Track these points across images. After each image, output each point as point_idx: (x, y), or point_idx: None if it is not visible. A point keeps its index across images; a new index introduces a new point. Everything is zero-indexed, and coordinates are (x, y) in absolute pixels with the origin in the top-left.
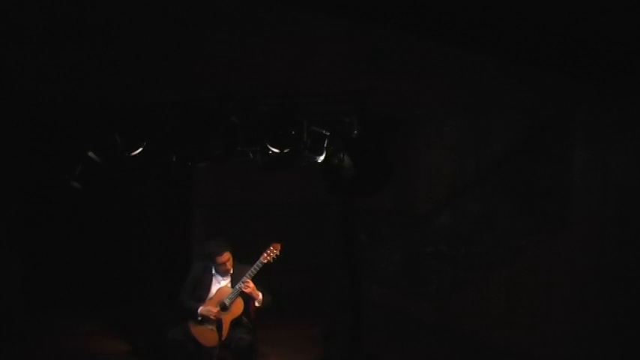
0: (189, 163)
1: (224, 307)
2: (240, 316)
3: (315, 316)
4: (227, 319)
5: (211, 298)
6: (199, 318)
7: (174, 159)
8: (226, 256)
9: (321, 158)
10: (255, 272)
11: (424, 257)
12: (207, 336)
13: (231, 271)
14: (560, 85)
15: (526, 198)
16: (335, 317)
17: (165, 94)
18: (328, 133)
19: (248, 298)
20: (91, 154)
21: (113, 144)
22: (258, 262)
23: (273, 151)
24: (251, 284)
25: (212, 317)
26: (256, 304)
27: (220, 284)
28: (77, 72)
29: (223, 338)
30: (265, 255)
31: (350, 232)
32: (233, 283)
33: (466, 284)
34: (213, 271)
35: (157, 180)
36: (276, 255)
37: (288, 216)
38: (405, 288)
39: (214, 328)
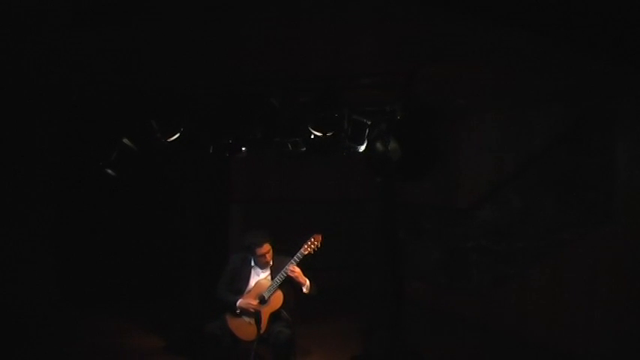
0: (227, 154)
1: (263, 300)
2: (280, 309)
3: (355, 312)
4: (266, 312)
5: (250, 291)
6: (237, 311)
7: (211, 150)
8: (266, 248)
9: (362, 147)
10: (295, 263)
11: (465, 252)
12: (244, 330)
13: (271, 264)
14: (603, 74)
15: (569, 191)
16: (375, 313)
17: (203, 78)
18: (369, 122)
19: (287, 291)
20: (125, 140)
21: (149, 130)
22: (298, 254)
23: (315, 135)
24: (297, 269)
25: (251, 310)
26: (304, 290)
27: (259, 277)
28: (112, 57)
29: (262, 332)
30: (306, 246)
31: (390, 227)
32: (272, 275)
33: (507, 279)
34: (252, 263)
35: (194, 174)
36: (317, 246)
37: (327, 212)
38: (446, 284)
39: (252, 321)
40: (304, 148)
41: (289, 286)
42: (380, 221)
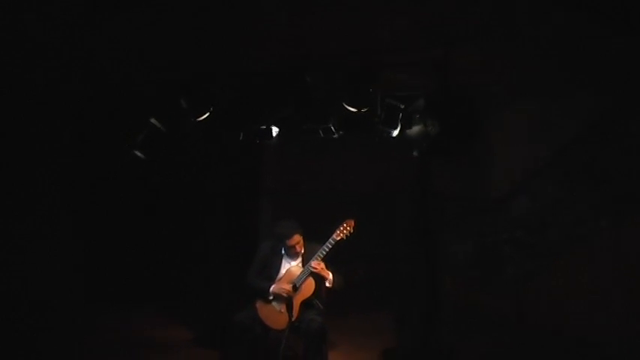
0: (258, 141)
1: (294, 288)
2: (311, 297)
3: (387, 306)
4: (297, 299)
5: (280, 279)
6: (270, 297)
7: (241, 137)
8: (296, 239)
9: (396, 132)
10: (327, 250)
11: (498, 244)
12: (275, 318)
13: (302, 252)
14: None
15: (603, 180)
16: (407, 307)
17: (234, 56)
18: (403, 106)
19: (320, 279)
20: (153, 120)
21: (178, 110)
22: (330, 240)
23: (347, 119)
24: (320, 264)
25: (284, 294)
26: (327, 284)
27: (290, 264)
28: (139, 36)
29: (293, 320)
30: (338, 232)
31: (423, 220)
32: (304, 262)
33: (543, 271)
34: (283, 252)
35: (224, 163)
36: (350, 232)
37: (359, 204)
38: (479, 277)
39: (283, 309)
40: (336, 135)
41: (320, 275)
42: (413, 214)
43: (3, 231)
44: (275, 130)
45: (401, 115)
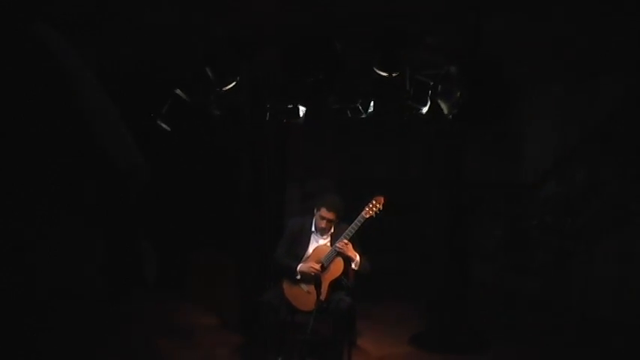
0: (284, 120)
1: (322, 267)
2: (340, 277)
3: (416, 294)
4: (326, 279)
5: (308, 257)
6: (298, 276)
7: (267, 117)
8: (331, 215)
9: (425, 109)
10: (356, 228)
11: (528, 230)
12: (302, 299)
13: (332, 231)
14: None
15: (634, 162)
16: (436, 294)
17: (260, 22)
18: (432, 83)
19: (348, 258)
20: (178, 91)
21: (203, 79)
22: (359, 218)
23: (380, 75)
24: (348, 244)
25: (312, 273)
26: (353, 266)
27: (318, 243)
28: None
29: (322, 300)
30: (367, 209)
31: (452, 207)
32: (332, 242)
33: (573, 256)
34: (313, 229)
35: (249, 146)
36: (379, 209)
37: (387, 191)
38: (508, 263)
39: (311, 290)
40: (364, 115)
41: (346, 256)
42: (444, 200)
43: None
44: (302, 110)
45: (430, 91)
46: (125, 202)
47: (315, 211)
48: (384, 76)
